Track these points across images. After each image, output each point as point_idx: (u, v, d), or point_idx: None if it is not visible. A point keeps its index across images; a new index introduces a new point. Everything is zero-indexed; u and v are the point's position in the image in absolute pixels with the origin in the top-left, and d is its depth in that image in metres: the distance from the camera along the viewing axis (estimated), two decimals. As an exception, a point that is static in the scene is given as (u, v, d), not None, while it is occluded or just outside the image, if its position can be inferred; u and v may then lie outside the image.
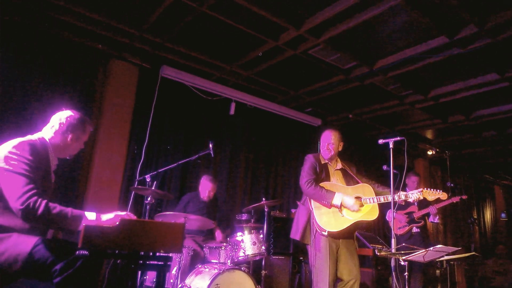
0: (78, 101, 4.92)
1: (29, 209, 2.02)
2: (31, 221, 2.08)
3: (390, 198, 3.28)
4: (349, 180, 3.60)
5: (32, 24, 4.60)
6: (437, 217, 4.97)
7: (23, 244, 2.05)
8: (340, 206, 3.28)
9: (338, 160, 3.69)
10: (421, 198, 3.39)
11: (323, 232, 3.28)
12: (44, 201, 2.05)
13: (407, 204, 5.06)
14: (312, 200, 3.39)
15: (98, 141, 5.05)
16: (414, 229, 5.03)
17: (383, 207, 4.41)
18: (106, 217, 2.20)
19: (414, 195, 3.37)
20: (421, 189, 3.41)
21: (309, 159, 3.59)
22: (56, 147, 2.44)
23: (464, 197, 4.66)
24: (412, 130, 7.91)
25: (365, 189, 3.46)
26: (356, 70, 5.38)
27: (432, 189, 3.41)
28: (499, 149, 8.67)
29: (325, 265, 3.23)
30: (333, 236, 3.32)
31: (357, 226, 3.54)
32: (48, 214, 2.04)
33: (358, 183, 3.55)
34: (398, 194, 3.36)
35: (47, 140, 2.41)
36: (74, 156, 2.59)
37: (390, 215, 5.01)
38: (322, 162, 3.59)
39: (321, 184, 3.40)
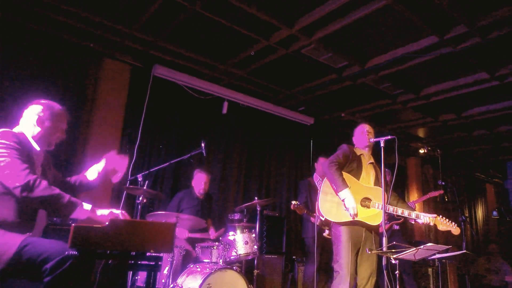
0: (70, 101, 4.88)
1: (29, 186, 2.04)
2: (28, 198, 2.07)
3: (400, 212, 3.37)
4: (376, 178, 3.63)
5: (23, 23, 4.55)
6: None
7: (7, 244, 2.03)
8: (343, 201, 3.34)
9: (371, 156, 3.73)
10: (432, 224, 3.39)
11: (320, 217, 3.41)
12: (45, 181, 2.10)
13: None
14: (323, 182, 3.47)
15: (90, 140, 5.03)
16: (394, 227, 5.03)
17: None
18: (101, 212, 2.24)
19: (425, 218, 3.40)
20: (435, 215, 3.41)
21: (344, 147, 3.63)
22: (33, 137, 2.41)
23: (441, 192, 4.72)
24: (404, 129, 7.95)
25: (379, 193, 3.45)
26: (348, 69, 5.40)
27: (446, 220, 3.41)
28: (490, 147, 8.74)
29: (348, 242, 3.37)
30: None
31: None
32: (47, 193, 2.08)
33: (380, 186, 3.52)
34: (414, 213, 3.41)
35: (24, 132, 2.39)
36: (56, 145, 2.56)
37: None
38: (358, 154, 3.64)
39: (344, 173, 3.44)
